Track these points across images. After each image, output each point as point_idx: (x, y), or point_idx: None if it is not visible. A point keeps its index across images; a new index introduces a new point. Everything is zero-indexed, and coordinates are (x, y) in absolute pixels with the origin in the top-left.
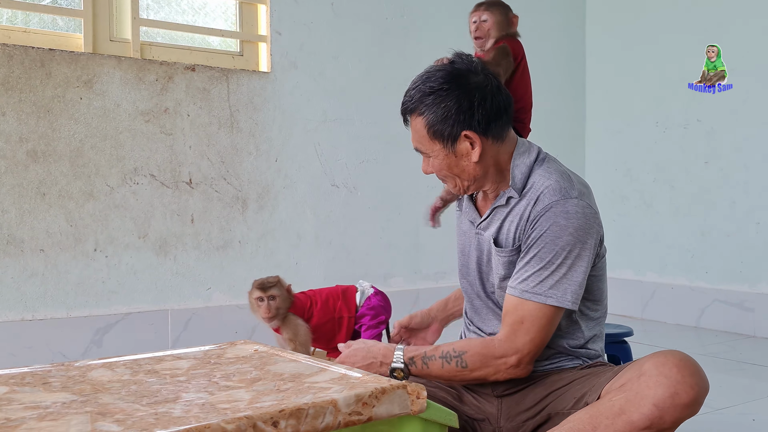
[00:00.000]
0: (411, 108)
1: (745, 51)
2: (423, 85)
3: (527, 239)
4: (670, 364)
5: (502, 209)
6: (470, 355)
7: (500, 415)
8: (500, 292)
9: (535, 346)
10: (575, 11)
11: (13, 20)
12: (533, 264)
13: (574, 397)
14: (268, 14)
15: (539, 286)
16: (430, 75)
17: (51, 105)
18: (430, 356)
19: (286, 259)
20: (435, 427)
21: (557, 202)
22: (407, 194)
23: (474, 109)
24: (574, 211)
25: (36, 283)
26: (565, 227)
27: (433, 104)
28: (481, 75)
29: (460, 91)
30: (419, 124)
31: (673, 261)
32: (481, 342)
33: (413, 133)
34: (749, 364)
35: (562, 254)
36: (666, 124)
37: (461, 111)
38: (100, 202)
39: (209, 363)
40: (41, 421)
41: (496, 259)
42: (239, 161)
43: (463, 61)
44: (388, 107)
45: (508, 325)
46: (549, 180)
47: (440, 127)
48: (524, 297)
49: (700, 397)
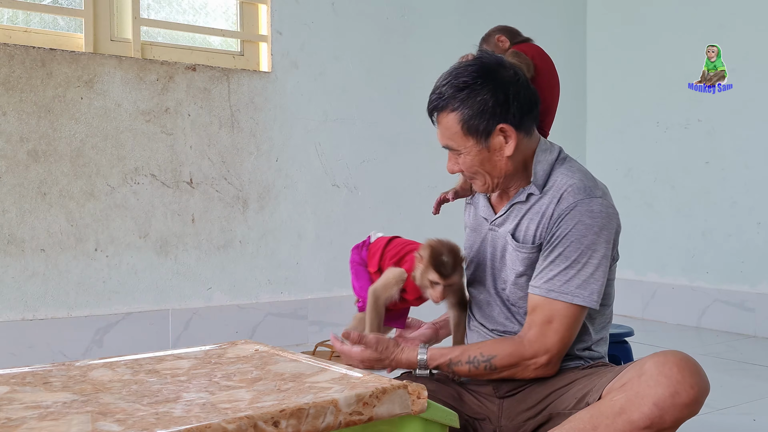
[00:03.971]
0: (442, 105)
1: (745, 51)
2: (455, 80)
3: (551, 237)
4: (670, 363)
5: (521, 206)
6: (500, 359)
7: (501, 415)
8: (513, 289)
9: (564, 346)
10: (576, 11)
11: (14, 20)
12: (558, 263)
13: (575, 397)
14: (268, 14)
15: (566, 286)
16: (460, 70)
17: (52, 105)
18: (456, 362)
19: (287, 259)
20: (435, 426)
21: (582, 201)
22: (408, 194)
23: (509, 102)
24: (599, 211)
25: (37, 283)
26: (591, 226)
27: (468, 98)
28: (510, 69)
29: (494, 84)
30: (451, 121)
31: (674, 261)
32: (510, 344)
33: (444, 130)
34: (750, 364)
35: (588, 253)
36: (666, 124)
37: (498, 104)
38: (100, 201)
39: (210, 363)
40: (42, 420)
41: (514, 255)
42: (240, 161)
43: (490, 56)
44: (388, 107)
45: (536, 325)
46: (572, 179)
47: (476, 121)
48: (551, 296)
49: (701, 396)
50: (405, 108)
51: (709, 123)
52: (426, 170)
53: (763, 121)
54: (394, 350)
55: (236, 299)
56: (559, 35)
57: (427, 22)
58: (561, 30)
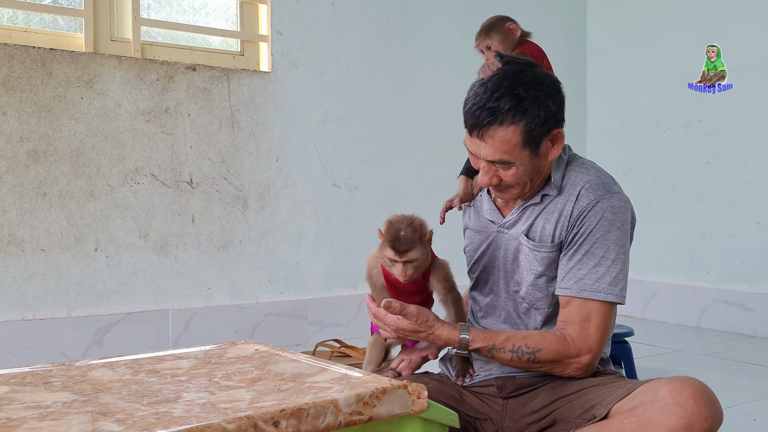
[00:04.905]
0: (500, 120)
1: (745, 51)
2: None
3: (574, 236)
4: (686, 394)
5: (535, 207)
6: (545, 353)
7: (505, 415)
8: (530, 290)
9: (604, 344)
10: (576, 11)
11: (14, 20)
12: (586, 261)
13: (582, 407)
14: (268, 14)
15: (598, 284)
16: (514, 78)
17: (52, 105)
18: (500, 348)
19: (287, 259)
20: (436, 427)
21: (603, 197)
22: (408, 194)
23: (560, 103)
24: (619, 206)
25: (37, 283)
26: (614, 222)
27: (533, 108)
28: (541, 69)
29: (548, 91)
30: (511, 133)
31: (674, 261)
32: (556, 339)
33: (499, 144)
34: (750, 364)
35: (615, 249)
36: (667, 124)
37: (560, 106)
38: (100, 201)
39: (210, 363)
40: (42, 420)
41: (531, 255)
42: (240, 161)
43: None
44: (388, 107)
45: (575, 323)
46: (587, 176)
47: (540, 130)
48: (584, 296)
49: (714, 429)
50: (405, 108)
51: (709, 123)
52: (426, 170)
53: (763, 121)
54: (434, 324)
55: (236, 299)
56: (559, 35)
57: (427, 22)
58: (561, 29)
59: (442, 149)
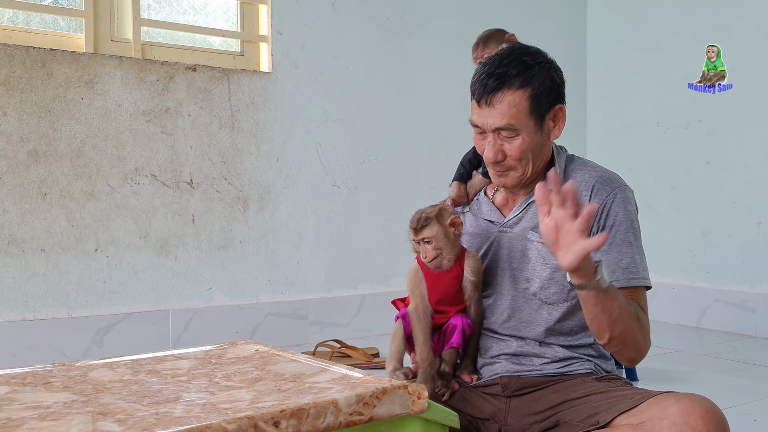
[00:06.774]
0: (510, 82)
1: (745, 51)
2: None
3: (602, 228)
4: (697, 414)
5: None
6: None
7: (508, 413)
8: (547, 283)
9: None
10: (576, 12)
11: (15, 20)
12: (624, 249)
13: (587, 412)
14: (269, 14)
15: (640, 270)
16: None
17: (52, 105)
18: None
19: (287, 259)
20: (436, 427)
21: (618, 189)
22: (408, 194)
23: (562, 81)
24: (631, 197)
25: (37, 283)
26: (631, 212)
27: (539, 75)
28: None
29: (551, 64)
30: (518, 98)
31: (674, 261)
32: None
33: (506, 108)
34: (750, 365)
35: (639, 237)
36: (667, 125)
37: (561, 83)
38: (101, 202)
39: (210, 363)
40: (42, 421)
41: (544, 250)
42: (240, 161)
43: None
44: (388, 107)
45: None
46: (595, 171)
47: (544, 98)
48: (633, 284)
49: None
50: (405, 108)
51: (709, 123)
52: (426, 170)
53: (763, 121)
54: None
55: (236, 299)
56: (559, 35)
57: (427, 22)
58: (561, 30)
59: (442, 149)
